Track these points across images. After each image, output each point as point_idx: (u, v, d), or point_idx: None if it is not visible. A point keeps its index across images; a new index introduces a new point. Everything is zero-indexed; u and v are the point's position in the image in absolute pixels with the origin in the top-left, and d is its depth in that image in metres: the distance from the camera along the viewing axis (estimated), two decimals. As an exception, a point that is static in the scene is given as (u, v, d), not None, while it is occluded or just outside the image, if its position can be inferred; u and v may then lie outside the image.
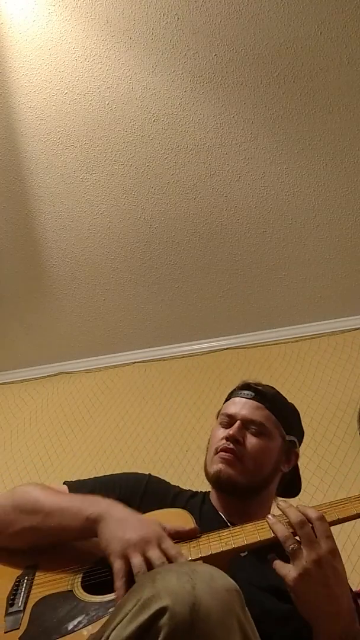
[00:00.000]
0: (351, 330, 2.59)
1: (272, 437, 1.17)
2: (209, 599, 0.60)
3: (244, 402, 1.20)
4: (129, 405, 2.57)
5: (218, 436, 1.17)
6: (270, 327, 2.68)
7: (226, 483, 1.11)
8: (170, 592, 0.60)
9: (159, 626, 0.57)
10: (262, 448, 1.14)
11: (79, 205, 2.29)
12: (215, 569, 0.67)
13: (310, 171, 2.18)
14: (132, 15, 1.85)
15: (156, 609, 0.59)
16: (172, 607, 0.58)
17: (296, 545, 0.80)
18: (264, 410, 1.19)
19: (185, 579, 0.62)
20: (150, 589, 0.62)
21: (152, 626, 0.58)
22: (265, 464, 1.15)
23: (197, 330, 2.70)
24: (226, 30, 1.87)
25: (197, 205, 2.27)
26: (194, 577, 0.62)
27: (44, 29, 1.88)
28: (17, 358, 2.85)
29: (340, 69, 1.93)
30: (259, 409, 1.19)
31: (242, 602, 0.64)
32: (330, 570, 0.80)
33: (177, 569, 0.65)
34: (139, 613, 0.60)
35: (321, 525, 0.82)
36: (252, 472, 1.12)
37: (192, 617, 0.58)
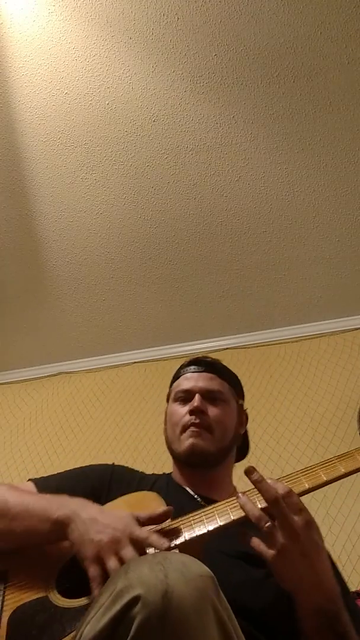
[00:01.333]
0: (351, 330, 2.59)
1: (229, 402, 1.22)
2: (181, 586, 0.59)
3: (197, 375, 1.24)
4: (129, 405, 2.57)
5: (180, 413, 1.19)
6: (270, 327, 2.68)
7: (199, 455, 1.13)
8: (143, 581, 0.60)
9: (132, 615, 0.58)
10: (224, 414, 1.19)
11: (79, 205, 2.29)
12: (188, 557, 0.67)
13: (310, 171, 2.18)
14: (132, 15, 1.85)
15: (129, 599, 0.59)
16: (145, 596, 0.58)
17: (270, 523, 0.79)
18: (217, 379, 1.23)
19: (157, 568, 0.62)
20: (123, 580, 0.62)
21: (125, 616, 0.58)
22: (228, 428, 1.19)
23: (197, 330, 2.70)
24: (226, 30, 1.86)
25: (197, 205, 2.27)
26: (166, 565, 0.62)
27: (44, 29, 1.88)
28: (17, 358, 2.85)
29: (340, 69, 1.93)
30: (212, 378, 1.23)
31: (217, 587, 0.64)
32: (308, 542, 0.79)
33: (150, 559, 0.65)
34: (112, 605, 0.60)
35: (291, 499, 0.81)
36: (219, 439, 1.16)
37: (164, 604, 0.57)
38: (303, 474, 0.89)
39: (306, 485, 0.87)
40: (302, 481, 0.88)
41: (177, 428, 1.18)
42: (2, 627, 0.76)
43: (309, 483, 0.87)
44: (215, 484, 1.11)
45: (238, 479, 1.24)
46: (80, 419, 2.58)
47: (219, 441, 1.15)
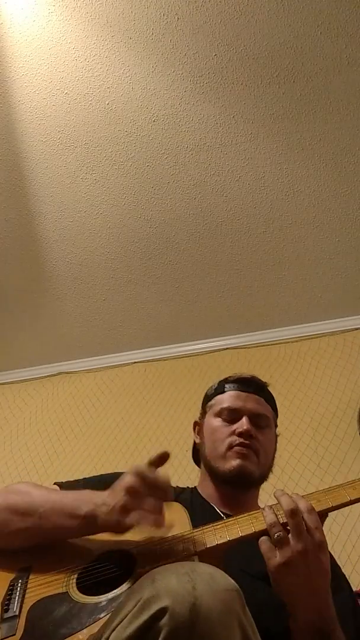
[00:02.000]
0: (351, 330, 2.59)
1: (271, 428, 1.22)
2: (209, 599, 0.60)
3: (245, 395, 1.21)
4: (129, 405, 2.57)
5: (225, 432, 1.17)
6: (270, 327, 2.68)
7: (245, 477, 1.12)
8: (170, 592, 0.60)
9: (159, 627, 0.57)
10: (268, 441, 1.19)
11: (79, 205, 2.29)
12: (215, 569, 0.67)
13: (310, 171, 2.18)
14: (132, 15, 1.85)
15: (156, 610, 0.58)
16: (172, 608, 0.58)
17: (282, 533, 0.80)
18: (264, 403, 1.22)
19: (185, 579, 0.62)
20: (150, 589, 0.62)
21: (152, 627, 0.58)
22: (270, 455, 1.19)
23: (197, 330, 2.70)
24: (226, 30, 1.86)
25: (197, 205, 2.27)
26: (194, 577, 0.62)
27: (44, 29, 1.88)
28: (17, 358, 2.85)
29: (340, 69, 1.93)
30: (260, 402, 1.21)
31: (243, 601, 0.64)
32: (315, 562, 0.80)
33: (177, 569, 0.65)
34: (139, 614, 0.60)
35: (310, 516, 0.82)
36: (264, 464, 1.16)
37: (192, 617, 0.57)
38: (326, 493, 0.91)
39: (330, 503, 0.88)
40: (327, 501, 0.89)
41: (222, 445, 1.15)
42: (22, 620, 0.78)
43: (332, 502, 0.88)
44: (244, 504, 1.11)
45: None
46: (80, 419, 2.58)
47: (262, 466, 1.16)
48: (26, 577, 0.87)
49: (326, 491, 0.91)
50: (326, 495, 0.89)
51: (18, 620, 0.78)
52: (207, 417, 1.24)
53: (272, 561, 0.80)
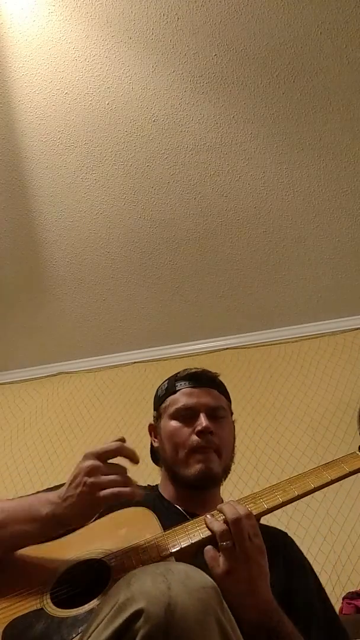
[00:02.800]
0: (351, 330, 2.59)
1: (228, 417, 1.19)
2: (184, 599, 0.59)
3: (198, 391, 1.16)
4: (129, 405, 2.57)
5: (184, 434, 1.11)
6: (270, 327, 2.68)
7: (209, 479, 1.10)
8: (145, 593, 0.59)
9: (135, 629, 0.57)
10: (227, 433, 1.15)
11: (79, 205, 2.29)
12: (191, 567, 0.67)
13: (310, 171, 2.18)
14: (132, 15, 1.84)
15: (131, 612, 0.58)
16: (147, 609, 0.58)
17: (229, 542, 0.81)
18: (218, 394, 1.18)
19: (160, 580, 0.61)
20: (125, 592, 0.61)
21: (128, 630, 0.58)
22: (231, 446, 1.16)
23: (197, 330, 2.70)
24: (226, 30, 1.86)
25: (197, 205, 2.27)
26: (169, 577, 0.62)
27: (44, 29, 1.88)
28: (17, 358, 2.85)
29: (340, 69, 1.93)
30: (212, 394, 1.17)
31: (220, 598, 0.64)
32: (256, 567, 0.81)
33: (153, 570, 0.65)
34: (114, 617, 0.60)
35: (249, 521, 0.83)
36: (225, 458, 1.13)
37: (167, 617, 0.57)
38: (260, 497, 0.91)
39: (265, 505, 0.89)
40: (277, 496, 0.90)
41: (183, 450, 1.10)
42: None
43: (268, 503, 0.90)
44: (208, 502, 1.08)
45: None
46: (80, 419, 2.58)
47: (224, 461, 1.13)
48: None
49: (257, 495, 0.92)
50: (260, 499, 0.90)
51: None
52: (163, 420, 1.18)
53: (215, 569, 0.80)
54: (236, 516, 0.82)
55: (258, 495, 0.92)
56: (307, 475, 0.94)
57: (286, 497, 0.90)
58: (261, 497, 0.91)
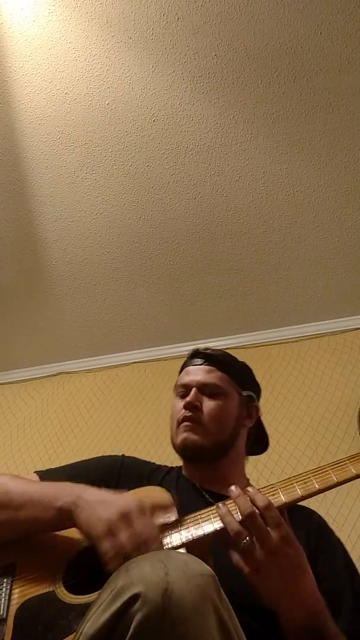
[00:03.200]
0: (351, 330, 2.59)
1: (228, 395, 1.21)
2: (182, 584, 0.59)
3: (196, 369, 1.24)
4: (129, 405, 2.57)
5: (178, 407, 1.20)
6: (270, 327, 2.68)
7: (192, 449, 1.13)
8: (143, 579, 0.60)
9: (132, 613, 0.58)
10: (219, 408, 1.18)
11: (79, 205, 2.29)
12: (190, 556, 0.67)
13: (310, 171, 2.18)
14: (132, 15, 1.85)
15: (129, 596, 0.59)
16: (144, 593, 0.58)
17: (248, 540, 0.78)
18: (216, 371, 1.23)
19: (158, 566, 0.62)
20: (124, 577, 0.62)
21: (125, 613, 0.58)
22: (225, 422, 1.18)
23: (197, 330, 2.70)
24: (226, 30, 1.86)
25: (197, 205, 2.27)
26: (168, 563, 0.62)
27: (44, 29, 1.88)
28: (17, 358, 2.85)
29: (340, 69, 1.93)
30: (210, 371, 1.22)
31: (218, 586, 0.64)
32: (284, 560, 0.77)
33: (152, 557, 0.65)
34: (112, 601, 0.60)
35: (269, 513, 0.79)
36: (214, 433, 1.15)
37: (164, 602, 0.57)
38: (296, 480, 0.86)
39: (284, 499, 0.83)
40: (296, 488, 0.85)
41: (174, 422, 1.19)
42: (9, 622, 0.76)
43: (298, 491, 0.84)
44: (223, 478, 1.10)
45: (253, 470, 1.24)
46: (80, 418, 2.58)
47: (215, 435, 1.15)
48: (11, 576, 0.84)
49: (284, 483, 0.87)
50: (284, 488, 0.85)
51: (6, 624, 0.76)
52: (172, 399, 1.27)
53: (244, 571, 0.78)
54: (249, 511, 0.79)
55: (276, 485, 0.87)
56: (331, 468, 0.87)
57: (307, 490, 0.84)
58: (280, 487, 0.86)
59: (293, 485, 0.85)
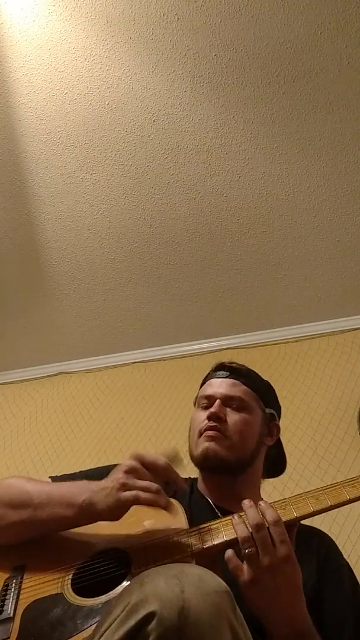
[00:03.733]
0: (351, 330, 2.58)
1: (252, 410, 1.19)
2: (198, 602, 0.59)
3: (220, 381, 1.22)
4: (129, 405, 2.57)
5: (200, 418, 1.17)
6: (270, 327, 2.68)
7: (214, 459, 1.11)
8: (158, 596, 0.59)
9: (147, 632, 0.57)
10: (244, 422, 1.16)
11: (79, 205, 2.29)
12: (204, 570, 0.66)
13: (310, 171, 2.18)
14: (132, 15, 1.85)
15: (144, 614, 0.58)
16: (160, 612, 0.57)
17: (253, 549, 0.79)
18: (241, 385, 1.21)
19: (173, 582, 0.61)
20: (138, 593, 0.61)
21: (140, 632, 0.57)
22: (249, 437, 1.16)
23: (197, 330, 2.70)
24: (226, 30, 1.86)
25: (197, 205, 2.27)
26: (183, 579, 0.62)
27: (44, 29, 1.88)
28: (17, 358, 2.85)
29: (340, 69, 1.93)
30: (235, 385, 1.20)
31: (233, 603, 0.64)
32: (282, 577, 0.78)
33: (166, 572, 0.65)
34: (127, 618, 0.59)
35: (276, 528, 0.80)
36: (237, 446, 1.13)
37: (180, 621, 0.57)
38: (293, 503, 0.87)
39: (295, 514, 0.85)
40: (307, 504, 0.86)
41: (196, 433, 1.16)
42: (16, 622, 0.77)
43: (300, 511, 0.85)
44: (238, 496, 1.06)
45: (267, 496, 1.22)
46: (80, 419, 2.58)
47: (238, 449, 1.13)
48: (20, 576, 0.85)
49: (292, 500, 0.88)
50: (293, 505, 0.86)
51: (12, 623, 0.77)
52: (194, 411, 1.25)
53: (240, 578, 0.79)
54: (257, 521, 0.80)
55: (288, 501, 0.88)
56: (343, 485, 0.89)
57: (319, 506, 0.85)
58: (292, 503, 0.87)
59: (305, 501, 0.86)
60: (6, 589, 0.83)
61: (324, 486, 0.89)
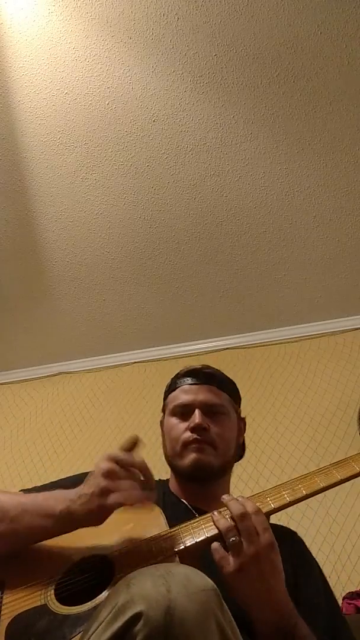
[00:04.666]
0: (351, 330, 2.59)
1: (229, 414, 1.19)
2: (184, 601, 0.59)
3: (196, 388, 1.20)
4: (129, 405, 2.57)
5: (179, 429, 1.15)
6: (270, 327, 2.68)
7: (204, 470, 1.11)
8: (145, 596, 0.59)
9: (134, 633, 0.57)
10: (225, 428, 1.16)
11: (79, 205, 2.29)
12: (191, 569, 0.66)
13: (310, 171, 2.18)
14: (132, 15, 1.84)
15: (130, 615, 0.58)
16: (147, 612, 0.57)
17: (237, 538, 0.80)
18: (216, 390, 1.20)
19: (160, 582, 0.61)
20: (124, 594, 0.61)
21: (127, 633, 0.57)
22: (231, 442, 1.17)
23: (197, 330, 2.70)
24: (226, 30, 1.86)
25: (197, 205, 2.27)
26: (169, 579, 0.62)
27: (44, 29, 1.88)
28: (17, 358, 2.85)
29: (340, 69, 1.93)
30: (211, 391, 1.19)
31: (221, 601, 0.64)
32: (268, 564, 0.80)
33: (152, 572, 0.65)
34: (113, 620, 0.59)
35: (258, 518, 0.82)
36: (223, 453, 1.14)
37: (167, 621, 0.57)
38: (268, 495, 0.90)
39: (272, 505, 0.88)
40: (284, 496, 0.89)
41: (178, 445, 1.14)
42: (0, 637, 0.75)
43: (275, 503, 0.88)
44: (214, 497, 1.06)
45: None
46: (80, 419, 2.59)
47: (223, 455, 1.13)
48: (0, 592, 0.83)
49: (265, 493, 0.90)
50: (268, 497, 0.89)
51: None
52: (165, 417, 1.23)
53: (226, 569, 0.79)
54: (242, 511, 0.82)
55: (264, 493, 0.91)
56: (315, 474, 0.92)
57: (294, 496, 0.88)
58: (268, 495, 0.90)
59: (281, 493, 0.89)
60: None
61: (299, 476, 0.92)
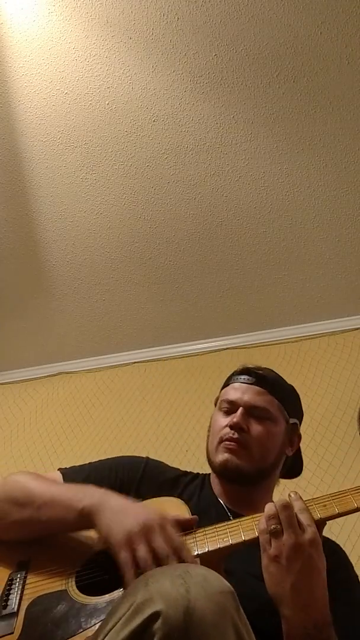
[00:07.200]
0: (351, 330, 2.58)
1: (276, 421, 1.14)
2: (203, 602, 0.59)
3: (245, 387, 1.17)
4: (129, 405, 2.57)
5: (221, 424, 1.14)
6: (270, 327, 2.68)
7: (233, 472, 1.08)
8: (164, 595, 0.59)
9: (153, 631, 0.57)
10: (267, 434, 1.12)
11: (79, 205, 2.29)
12: (209, 571, 0.66)
13: (310, 171, 2.18)
14: (132, 15, 1.85)
15: (149, 614, 0.58)
16: (166, 612, 0.58)
17: (278, 526, 0.80)
18: (267, 394, 1.16)
19: (179, 582, 0.61)
20: (143, 592, 0.61)
21: (146, 631, 0.58)
22: (271, 449, 1.13)
23: (197, 330, 2.70)
24: (226, 30, 1.86)
25: (197, 205, 2.27)
26: (188, 579, 0.62)
27: (44, 29, 1.88)
28: (17, 358, 2.85)
29: (340, 69, 1.93)
30: (260, 393, 1.15)
31: (237, 603, 0.64)
32: (307, 559, 0.78)
33: (171, 572, 0.65)
34: (132, 618, 0.59)
35: (303, 515, 0.81)
36: (258, 459, 1.10)
37: (185, 621, 0.57)
38: (333, 498, 0.87)
39: (318, 514, 0.84)
40: (333, 505, 0.85)
41: (215, 439, 1.13)
42: (20, 617, 0.77)
43: (322, 513, 0.84)
44: (252, 502, 1.06)
45: None
46: (80, 419, 2.58)
47: (258, 461, 1.10)
48: (25, 572, 0.86)
49: (330, 497, 0.87)
50: (328, 503, 0.86)
51: (16, 618, 0.77)
52: (215, 410, 1.21)
53: (265, 553, 0.80)
54: (284, 502, 0.82)
55: (312, 501, 0.87)
56: None
57: (345, 507, 0.84)
58: (315, 503, 0.87)
59: (330, 502, 0.86)
60: (10, 584, 0.84)
61: (351, 489, 0.88)
